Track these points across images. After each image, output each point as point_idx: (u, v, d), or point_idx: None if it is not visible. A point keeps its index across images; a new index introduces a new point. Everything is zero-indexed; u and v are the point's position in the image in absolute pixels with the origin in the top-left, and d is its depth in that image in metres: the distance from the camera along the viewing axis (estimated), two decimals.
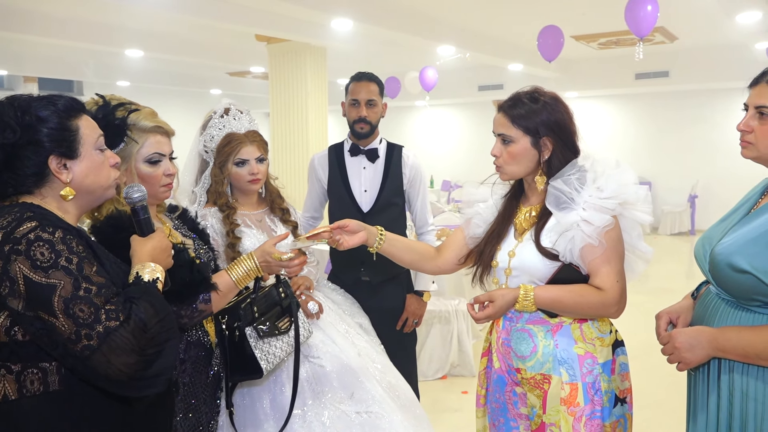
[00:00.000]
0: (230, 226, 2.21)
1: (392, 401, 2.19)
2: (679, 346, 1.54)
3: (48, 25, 7.14)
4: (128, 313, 1.22)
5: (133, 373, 1.21)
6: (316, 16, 6.26)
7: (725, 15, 7.36)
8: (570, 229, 1.67)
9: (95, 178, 1.37)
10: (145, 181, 1.70)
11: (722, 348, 1.50)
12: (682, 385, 1.77)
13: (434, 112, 14.61)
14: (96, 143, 1.38)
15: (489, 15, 7.45)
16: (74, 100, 1.38)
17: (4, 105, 1.30)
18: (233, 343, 1.87)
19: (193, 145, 2.36)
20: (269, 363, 1.91)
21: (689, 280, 8.04)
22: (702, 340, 1.52)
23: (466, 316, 4.44)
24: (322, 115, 7.72)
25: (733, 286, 1.53)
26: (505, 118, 1.79)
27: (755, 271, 1.45)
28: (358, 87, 2.84)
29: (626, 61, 10.03)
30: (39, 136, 1.29)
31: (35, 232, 1.21)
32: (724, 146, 11.33)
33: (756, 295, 1.49)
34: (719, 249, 1.56)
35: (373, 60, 10.13)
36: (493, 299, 1.70)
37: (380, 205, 2.85)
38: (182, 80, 12.66)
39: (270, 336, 1.92)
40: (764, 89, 1.56)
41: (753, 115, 1.57)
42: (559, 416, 1.70)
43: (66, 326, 1.19)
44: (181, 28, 7.99)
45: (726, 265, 1.52)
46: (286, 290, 2.03)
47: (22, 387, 1.25)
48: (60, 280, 1.19)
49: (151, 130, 1.71)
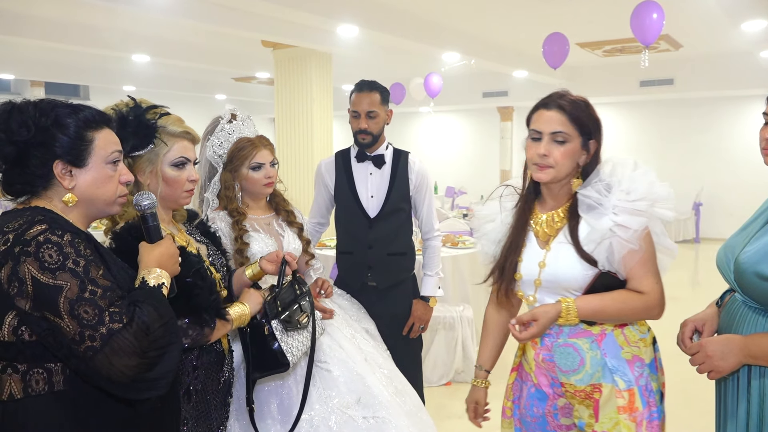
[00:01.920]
0: (239, 231, 2.22)
1: (399, 406, 2.19)
2: (711, 354, 1.53)
3: (55, 30, 7.19)
4: (131, 315, 1.25)
5: (135, 375, 1.23)
6: (323, 23, 6.29)
7: (731, 23, 7.37)
8: (606, 236, 1.65)
9: (98, 190, 1.39)
10: (169, 184, 1.72)
11: (754, 354, 1.51)
12: (692, 391, 1.77)
13: (438, 118, 14.63)
14: (108, 157, 1.40)
15: (494, 22, 7.48)
16: (100, 113, 1.41)
17: (29, 105, 1.34)
18: (256, 339, 1.89)
19: (201, 151, 2.35)
20: (294, 356, 1.93)
21: (695, 287, 8.02)
22: (733, 347, 1.52)
23: (470, 322, 4.43)
24: (327, 120, 7.74)
25: (761, 293, 1.54)
26: (562, 115, 1.68)
27: None
28: (359, 98, 2.82)
29: (631, 69, 10.03)
30: (51, 139, 1.32)
31: (44, 234, 1.23)
32: (729, 154, 11.33)
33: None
34: (744, 258, 1.58)
35: (378, 66, 10.16)
36: (537, 317, 1.65)
37: (387, 211, 2.87)
38: (187, 85, 12.71)
39: (293, 330, 1.94)
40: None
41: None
42: (619, 425, 1.67)
43: (71, 327, 1.21)
44: (189, 34, 8.03)
45: (752, 274, 1.54)
46: (301, 287, 2.04)
47: (28, 386, 1.27)
48: (66, 281, 1.22)
49: (179, 135, 1.73)
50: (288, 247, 2.33)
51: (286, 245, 2.33)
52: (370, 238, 2.86)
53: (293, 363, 1.93)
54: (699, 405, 3.64)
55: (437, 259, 3.01)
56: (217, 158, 2.33)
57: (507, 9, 6.81)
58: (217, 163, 2.33)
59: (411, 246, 3.02)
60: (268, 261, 1.96)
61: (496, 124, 13.26)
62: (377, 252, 2.86)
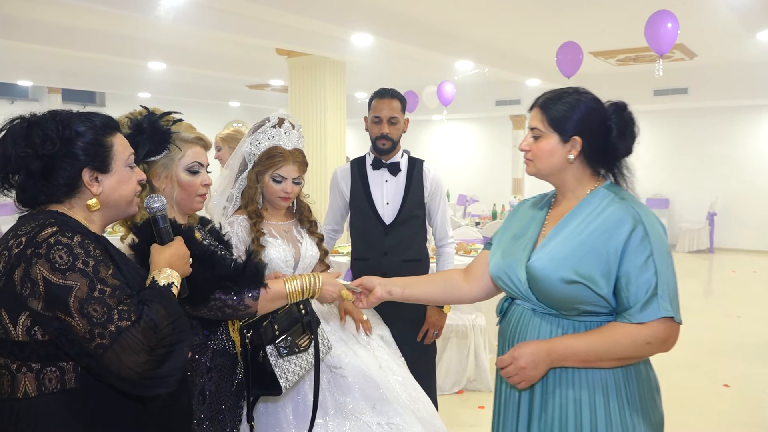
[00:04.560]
0: (256, 233, 2.24)
1: (413, 413, 2.20)
2: (525, 365, 1.56)
3: (72, 37, 7.28)
4: (140, 313, 1.27)
5: (144, 372, 1.25)
6: (337, 31, 6.33)
7: (746, 32, 7.34)
8: None
9: (121, 192, 1.45)
10: (184, 189, 1.76)
11: (562, 357, 1.55)
12: (691, 398, 1.75)
13: (451, 126, 14.64)
14: (127, 160, 1.46)
15: (508, 31, 7.49)
16: (110, 118, 1.46)
17: (47, 119, 1.38)
18: (255, 359, 1.90)
19: (240, 144, 2.35)
20: (288, 381, 1.94)
21: (708, 298, 7.96)
22: (542, 354, 1.55)
23: (483, 330, 4.43)
24: (341, 128, 7.78)
25: (560, 297, 1.58)
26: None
27: (583, 279, 1.53)
28: (380, 104, 2.88)
29: (645, 78, 9.99)
30: (76, 150, 1.37)
31: (55, 236, 1.27)
32: (744, 164, 11.25)
33: (580, 304, 1.56)
34: (539, 264, 1.61)
35: (391, 74, 10.20)
36: None
37: (402, 217, 2.90)
38: (202, 92, 12.82)
39: (290, 354, 1.94)
40: None
41: None
42: None
43: (81, 325, 1.24)
44: (204, 42, 8.11)
45: (556, 279, 1.56)
46: (306, 307, 2.05)
47: (41, 385, 1.30)
48: (76, 281, 1.25)
49: (193, 141, 1.78)
50: (306, 254, 2.33)
51: (303, 251, 2.33)
52: (386, 245, 2.89)
53: (285, 388, 1.93)
54: None
55: (451, 265, 3.03)
56: (250, 155, 2.31)
57: (520, 18, 6.83)
58: (249, 161, 2.32)
59: (425, 253, 3.05)
60: None
61: (508, 132, 13.25)
62: (392, 258, 2.89)
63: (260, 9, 5.30)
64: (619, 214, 1.56)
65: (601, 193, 1.66)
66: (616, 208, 1.58)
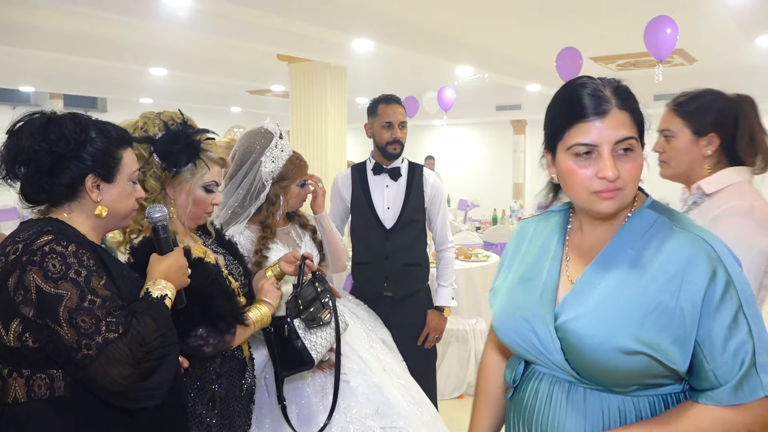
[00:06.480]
0: (261, 245, 2.26)
1: (417, 417, 2.20)
2: None
3: (74, 43, 7.30)
4: (128, 326, 1.28)
5: (129, 384, 1.26)
6: (338, 37, 6.36)
7: (746, 37, 7.36)
8: None
9: (120, 205, 1.46)
10: (197, 204, 1.78)
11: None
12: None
13: (452, 131, 14.66)
14: (132, 175, 1.48)
15: (508, 36, 7.51)
16: (125, 132, 1.49)
17: (67, 119, 1.40)
18: (280, 338, 1.91)
19: (250, 170, 2.30)
20: (318, 353, 1.96)
21: None
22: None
23: (483, 335, 4.43)
24: (342, 133, 7.79)
25: (613, 371, 1.12)
26: None
27: (649, 349, 1.08)
28: (390, 109, 2.91)
29: (645, 83, 9.90)
30: (86, 154, 1.39)
31: (50, 245, 1.28)
32: None
33: (642, 378, 1.12)
34: (581, 327, 1.15)
35: (392, 79, 10.23)
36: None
37: (403, 222, 2.92)
38: (203, 98, 12.84)
39: (316, 326, 1.96)
40: None
41: None
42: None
43: (69, 335, 1.25)
44: (205, 48, 8.13)
45: (611, 349, 1.10)
46: (322, 285, 2.07)
47: (31, 391, 1.31)
48: (67, 291, 1.26)
49: (216, 161, 1.81)
50: None
51: (302, 252, 2.36)
52: (387, 249, 2.91)
53: (317, 359, 1.95)
54: None
55: (451, 269, 3.05)
56: (271, 173, 2.30)
57: (520, 23, 6.85)
58: (267, 180, 2.30)
59: (425, 257, 3.06)
60: (287, 262, 2.01)
61: (509, 138, 13.26)
62: (393, 262, 2.91)
63: (262, 15, 5.32)
64: (688, 252, 1.11)
65: (648, 216, 1.20)
66: (682, 243, 1.13)
